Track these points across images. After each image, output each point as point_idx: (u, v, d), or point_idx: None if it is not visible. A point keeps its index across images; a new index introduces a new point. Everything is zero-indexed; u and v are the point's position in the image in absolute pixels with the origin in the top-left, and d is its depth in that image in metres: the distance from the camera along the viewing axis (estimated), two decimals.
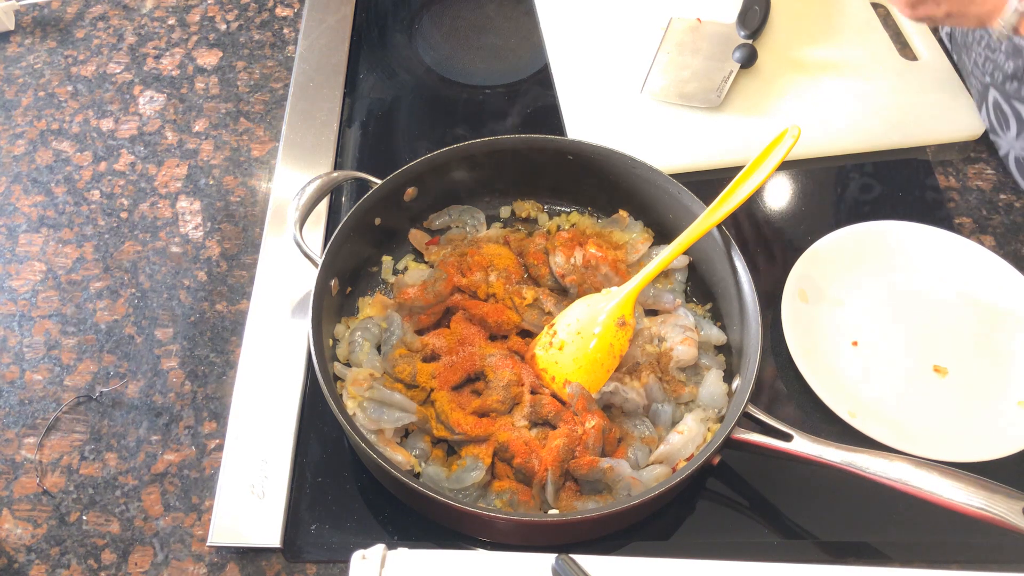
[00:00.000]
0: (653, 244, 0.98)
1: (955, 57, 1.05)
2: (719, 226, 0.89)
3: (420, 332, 0.91)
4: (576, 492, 0.82)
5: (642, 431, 0.85)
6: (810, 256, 0.98)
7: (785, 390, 0.92)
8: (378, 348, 0.88)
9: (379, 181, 0.93)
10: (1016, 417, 0.89)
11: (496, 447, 0.82)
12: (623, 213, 0.99)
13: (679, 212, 0.95)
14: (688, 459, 0.82)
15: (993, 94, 1.00)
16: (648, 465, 0.83)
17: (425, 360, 0.88)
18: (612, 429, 0.83)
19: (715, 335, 0.91)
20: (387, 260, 0.98)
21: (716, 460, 0.81)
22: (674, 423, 0.85)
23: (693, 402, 0.87)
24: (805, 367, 0.90)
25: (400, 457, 0.81)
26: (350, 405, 0.83)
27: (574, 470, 0.80)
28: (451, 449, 0.85)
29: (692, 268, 0.97)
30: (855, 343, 0.95)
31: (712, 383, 0.86)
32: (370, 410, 0.82)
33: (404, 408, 0.83)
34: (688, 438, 0.83)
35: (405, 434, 0.85)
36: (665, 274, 0.96)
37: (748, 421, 0.80)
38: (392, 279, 0.97)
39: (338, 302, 0.92)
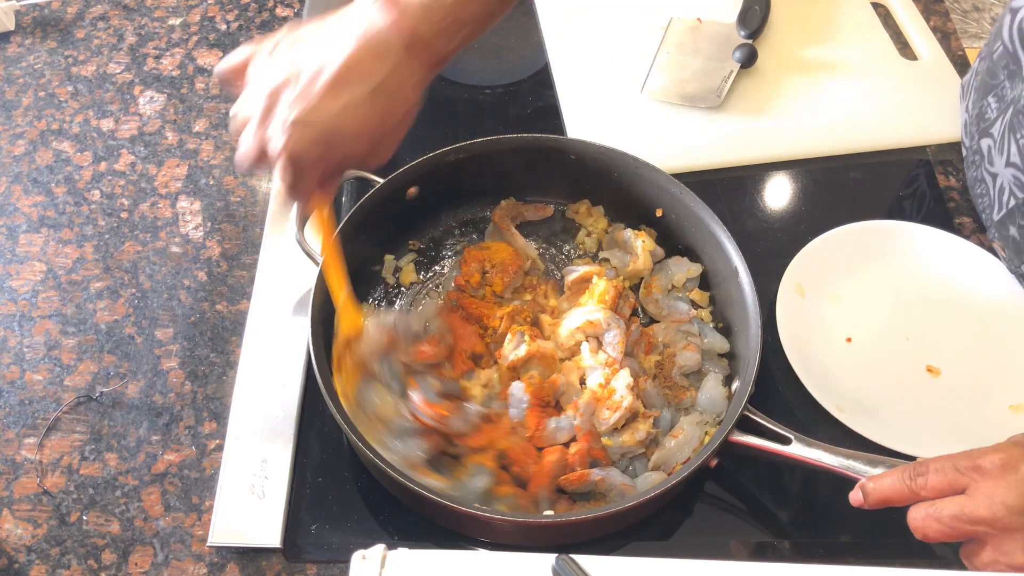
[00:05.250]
0: (655, 247, 0.98)
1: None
2: (724, 228, 0.90)
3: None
4: (570, 503, 0.82)
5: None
6: (808, 252, 0.98)
7: (777, 384, 0.92)
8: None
9: (381, 180, 0.93)
10: (1005, 420, 0.89)
11: (496, 455, 0.82)
12: (619, 236, 0.98)
13: (681, 213, 0.95)
14: (684, 462, 0.82)
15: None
16: (645, 473, 0.83)
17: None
18: (601, 449, 0.83)
19: (718, 343, 0.90)
20: (389, 259, 0.98)
21: (714, 463, 0.81)
22: (672, 428, 0.86)
23: (692, 407, 0.87)
24: (796, 360, 0.90)
25: (436, 483, 0.79)
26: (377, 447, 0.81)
27: (565, 486, 0.80)
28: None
29: None
30: (849, 339, 0.95)
31: (711, 387, 0.86)
32: (398, 446, 0.81)
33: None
34: (683, 441, 0.83)
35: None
36: (677, 284, 0.96)
37: (746, 423, 0.80)
38: (392, 279, 0.97)
39: None
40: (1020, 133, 0.91)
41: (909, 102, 1.14)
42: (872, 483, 0.72)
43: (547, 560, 0.54)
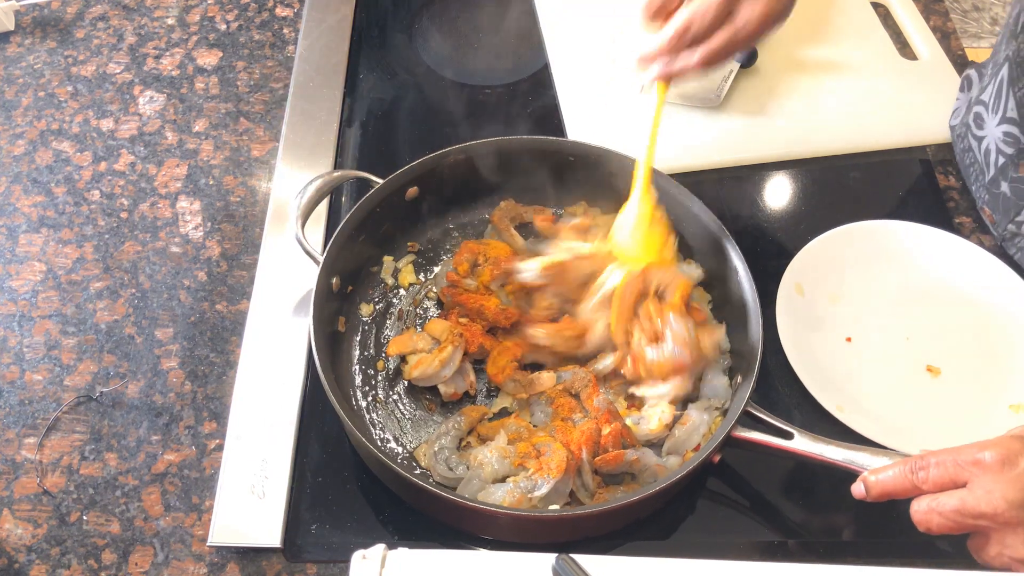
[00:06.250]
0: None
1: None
2: (724, 229, 0.90)
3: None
4: (599, 483, 0.82)
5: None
6: (808, 252, 0.98)
7: (777, 384, 0.92)
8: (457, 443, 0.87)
9: (381, 180, 0.93)
10: (1006, 420, 0.89)
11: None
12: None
13: (681, 213, 0.95)
14: (695, 449, 0.82)
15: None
16: (664, 457, 0.84)
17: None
18: (628, 428, 0.84)
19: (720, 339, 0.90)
20: (388, 260, 0.98)
21: (717, 459, 0.81)
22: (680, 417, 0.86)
23: (697, 397, 0.87)
24: (796, 360, 0.90)
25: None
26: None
27: (601, 467, 0.81)
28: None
29: None
30: (848, 339, 0.95)
31: (712, 376, 0.87)
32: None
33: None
34: (692, 428, 0.84)
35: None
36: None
37: (749, 419, 0.80)
38: (390, 280, 0.97)
39: (338, 301, 0.92)
40: (1019, 85, 0.92)
41: (909, 102, 1.14)
42: (874, 476, 0.72)
43: (547, 560, 0.54)
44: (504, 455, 0.81)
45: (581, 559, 0.53)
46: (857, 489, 0.74)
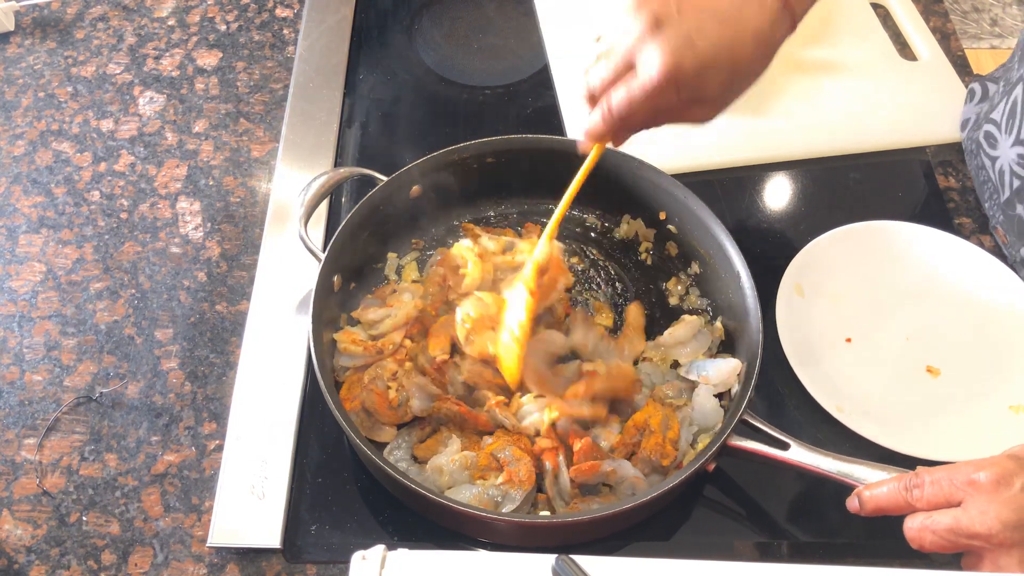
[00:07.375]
0: (654, 247, 0.98)
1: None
2: (727, 232, 0.90)
3: None
4: (577, 493, 0.82)
5: None
6: (808, 252, 0.98)
7: (777, 384, 0.92)
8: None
9: (385, 178, 0.93)
10: (1006, 421, 0.89)
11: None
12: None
13: (684, 215, 0.95)
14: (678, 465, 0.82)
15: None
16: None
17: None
18: (598, 448, 0.83)
19: (710, 413, 0.86)
20: (392, 257, 0.98)
21: (712, 467, 0.81)
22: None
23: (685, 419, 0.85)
24: (796, 360, 0.90)
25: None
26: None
27: (577, 477, 0.80)
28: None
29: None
30: (848, 340, 0.95)
31: (702, 398, 0.85)
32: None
33: None
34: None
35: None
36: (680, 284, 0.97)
37: (745, 428, 0.80)
38: (394, 276, 0.97)
39: (340, 298, 0.92)
40: None
41: (909, 102, 1.14)
42: (868, 492, 0.72)
43: (547, 560, 0.54)
44: (464, 464, 0.80)
45: (581, 560, 0.53)
46: (852, 503, 0.74)
